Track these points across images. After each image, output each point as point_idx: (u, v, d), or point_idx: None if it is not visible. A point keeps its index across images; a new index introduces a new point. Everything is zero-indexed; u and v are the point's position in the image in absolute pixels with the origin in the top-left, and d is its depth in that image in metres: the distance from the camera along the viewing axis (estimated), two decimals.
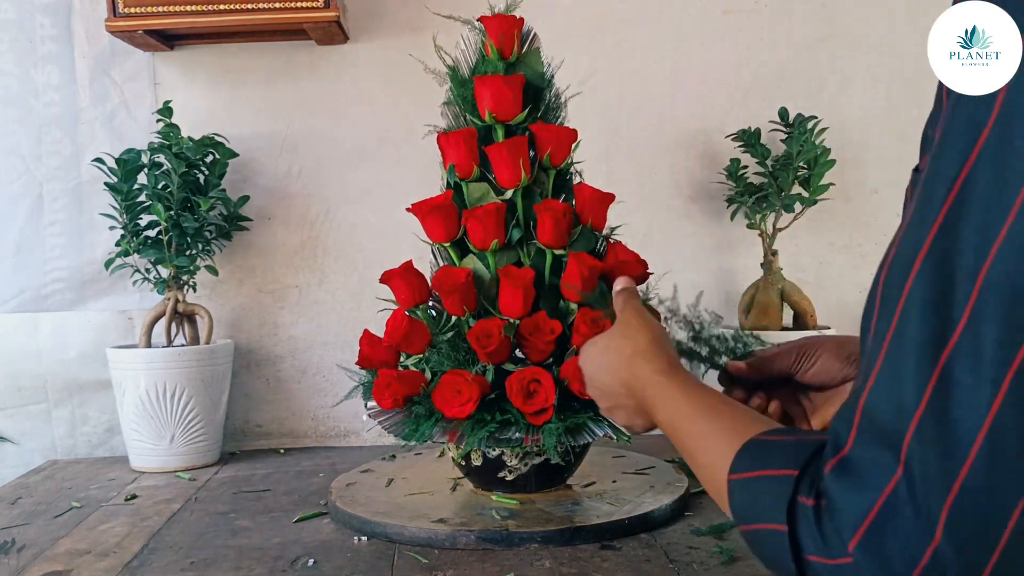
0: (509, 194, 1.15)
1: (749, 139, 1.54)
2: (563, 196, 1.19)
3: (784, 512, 0.49)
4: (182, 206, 1.46)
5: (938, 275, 0.44)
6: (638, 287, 1.18)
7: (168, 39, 1.56)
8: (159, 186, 1.46)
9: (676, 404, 0.67)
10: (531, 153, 1.16)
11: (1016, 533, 0.42)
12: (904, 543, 0.43)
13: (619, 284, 0.87)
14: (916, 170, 0.50)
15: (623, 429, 0.99)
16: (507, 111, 1.15)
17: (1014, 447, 0.42)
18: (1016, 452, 0.42)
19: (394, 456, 1.44)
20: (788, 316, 1.56)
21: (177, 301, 1.50)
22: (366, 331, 1.18)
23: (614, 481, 1.24)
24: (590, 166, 1.23)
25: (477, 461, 1.14)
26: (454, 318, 1.15)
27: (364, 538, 1.09)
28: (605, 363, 0.78)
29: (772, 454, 0.54)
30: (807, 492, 0.48)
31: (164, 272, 1.51)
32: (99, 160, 1.47)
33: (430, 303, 1.18)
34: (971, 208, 0.43)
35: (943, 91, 0.47)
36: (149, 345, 1.49)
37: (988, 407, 0.42)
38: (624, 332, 0.78)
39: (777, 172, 1.51)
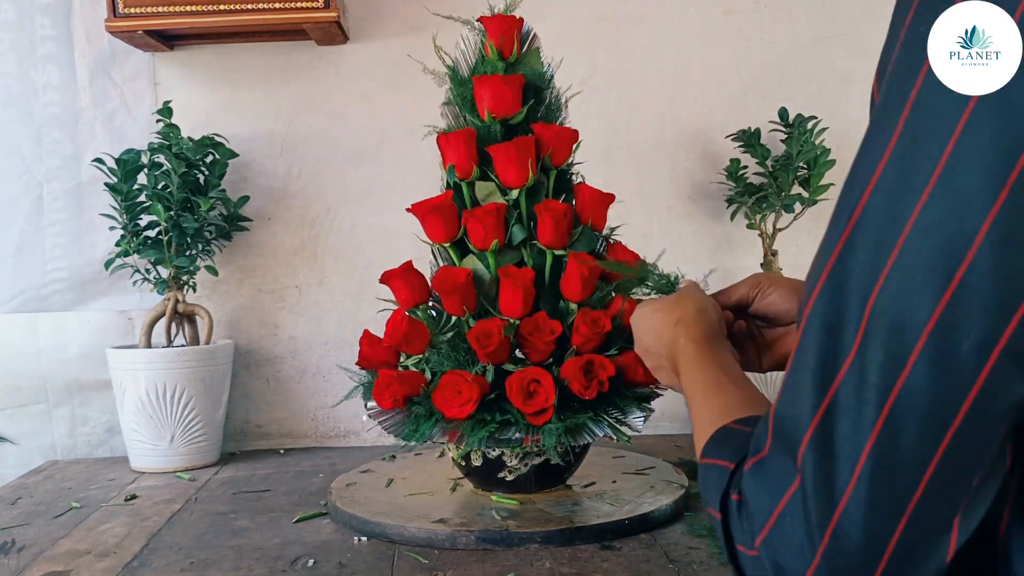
0: (515, 194, 1.14)
1: (749, 139, 1.54)
2: (563, 196, 1.19)
3: (719, 503, 0.53)
4: (182, 206, 1.46)
5: (836, 296, 0.46)
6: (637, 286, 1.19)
7: (168, 39, 1.56)
8: (159, 186, 1.46)
9: (694, 375, 0.71)
10: None
11: (895, 556, 0.44)
12: (795, 548, 0.46)
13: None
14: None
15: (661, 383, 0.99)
16: (506, 111, 1.15)
17: (894, 470, 0.44)
18: (897, 474, 0.44)
19: (394, 456, 1.44)
20: None
21: (177, 301, 1.50)
22: (366, 331, 1.18)
23: (614, 481, 1.24)
24: (590, 166, 1.23)
25: (477, 461, 1.14)
26: (454, 318, 1.15)
27: (364, 538, 1.09)
28: (652, 326, 0.82)
29: (727, 444, 0.57)
30: (736, 486, 0.52)
31: (164, 272, 1.51)
32: (99, 160, 1.47)
33: (430, 303, 1.18)
34: (867, 235, 0.46)
35: (874, 87, 0.49)
36: (149, 345, 1.49)
37: (870, 431, 0.44)
38: (675, 299, 0.82)
39: (777, 172, 1.51)
